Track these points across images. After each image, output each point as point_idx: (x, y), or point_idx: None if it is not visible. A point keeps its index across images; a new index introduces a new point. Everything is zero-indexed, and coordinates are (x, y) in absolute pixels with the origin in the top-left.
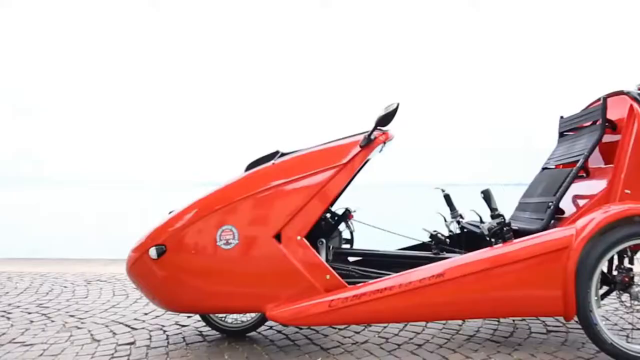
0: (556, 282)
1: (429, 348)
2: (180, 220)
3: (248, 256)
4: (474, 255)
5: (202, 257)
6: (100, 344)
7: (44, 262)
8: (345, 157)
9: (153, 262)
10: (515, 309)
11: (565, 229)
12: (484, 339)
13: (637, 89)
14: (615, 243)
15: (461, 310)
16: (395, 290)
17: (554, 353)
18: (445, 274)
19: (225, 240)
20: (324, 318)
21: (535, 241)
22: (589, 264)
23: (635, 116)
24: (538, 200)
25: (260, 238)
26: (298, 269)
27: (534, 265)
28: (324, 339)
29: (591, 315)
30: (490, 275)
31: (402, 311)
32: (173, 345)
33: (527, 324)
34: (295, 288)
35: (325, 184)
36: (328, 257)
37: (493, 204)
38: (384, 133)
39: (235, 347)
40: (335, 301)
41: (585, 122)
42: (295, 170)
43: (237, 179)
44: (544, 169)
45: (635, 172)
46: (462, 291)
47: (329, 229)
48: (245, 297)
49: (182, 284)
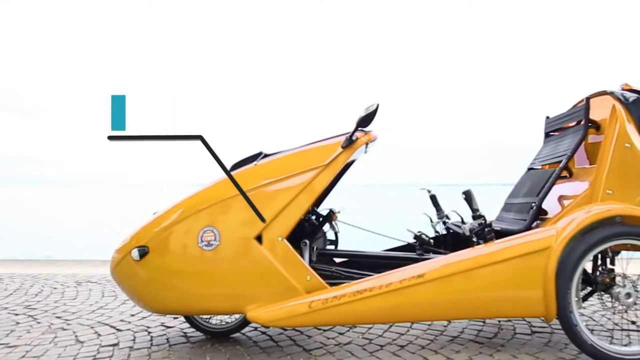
0: (537, 283)
1: (411, 349)
2: (163, 221)
3: (229, 257)
4: (454, 256)
5: (183, 259)
6: (83, 346)
7: (36, 264)
8: (327, 158)
9: (135, 263)
10: (495, 310)
11: (546, 230)
12: (467, 340)
13: (621, 89)
14: (596, 244)
15: (441, 311)
16: (375, 291)
17: (535, 354)
18: (425, 275)
19: (206, 241)
20: (304, 319)
21: (516, 242)
22: (569, 264)
23: (617, 116)
24: (522, 201)
25: (241, 239)
26: (279, 270)
27: (515, 266)
28: (308, 340)
29: (571, 316)
30: (470, 276)
31: (383, 312)
32: (156, 347)
33: (512, 324)
34: (276, 289)
35: (307, 185)
36: (312, 258)
37: (474, 205)
38: (366, 134)
39: (218, 348)
40: (315, 302)
41: (569, 122)
42: (276, 172)
43: (220, 180)
44: (529, 169)
45: (616, 172)
46: (442, 292)
47: (313, 230)
48: (226, 299)
49: (164, 285)
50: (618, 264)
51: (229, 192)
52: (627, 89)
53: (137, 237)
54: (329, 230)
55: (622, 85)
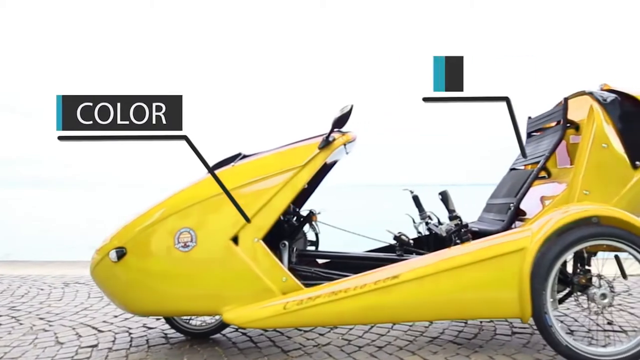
0: (512, 284)
1: (388, 350)
2: (140, 222)
3: (205, 259)
4: (429, 257)
5: (160, 260)
6: (62, 347)
7: (26, 265)
8: (304, 159)
9: (113, 264)
10: (471, 311)
11: (521, 230)
12: (446, 340)
13: (600, 89)
14: (572, 244)
15: (417, 312)
16: (350, 292)
17: (512, 355)
18: (400, 276)
19: (183, 242)
20: (280, 320)
21: (492, 243)
22: (544, 265)
23: (594, 116)
24: (501, 202)
25: (217, 240)
26: (254, 271)
27: (490, 267)
28: (287, 341)
29: (546, 317)
30: (445, 277)
31: (358, 313)
32: (135, 348)
33: (493, 325)
34: (252, 290)
35: (283, 187)
36: (291, 259)
37: (451, 206)
38: (344, 134)
39: (197, 349)
40: (290, 303)
41: (550, 122)
42: (253, 173)
43: (198, 181)
44: (511, 169)
45: (593, 172)
46: (417, 293)
47: (292, 231)
48: (202, 300)
49: (142, 286)
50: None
51: (206, 194)
52: (606, 89)
53: (115, 238)
54: (310, 231)
55: (601, 86)
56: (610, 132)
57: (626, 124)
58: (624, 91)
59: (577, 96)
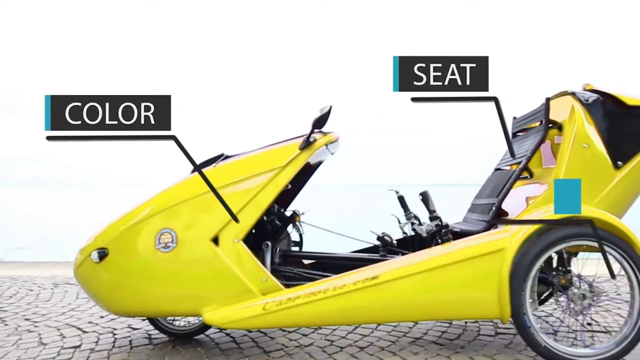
0: (491, 285)
1: (370, 351)
2: (122, 223)
3: (186, 260)
4: (409, 257)
5: (142, 261)
6: (45, 348)
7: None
8: (284, 160)
9: (95, 265)
10: (450, 311)
11: (501, 231)
12: (429, 341)
13: (583, 89)
14: (551, 245)
15: (396, 312)
16: (329, 293)
17: (493, 356)
18: (379, 277)
19: (164, 243)
20: (259, 321)
21: (472, 243)
22: (523, 265)
23: (575, 116)
24: (485, 202)
25: (197, 241)
26: (234, 272)
27: (469, 268)
28: (270, 342)
29: (525, 318)
30: (424, 277)
31: (337, 314)
32: (117, 349)
33: (477, 326)
34: (232, 291)
35: (263, 187)
36: (274, 259)
37: (431, 206)
38: (325, 135)
39: (179, 350)
40: (269, 304)
41: (533, 122)
42: (234, 174)
43: (180, 181)
44: (496, 169)
45: (574, 173)
46: (396, 294)
47: (275, 231)
48: (183, 301)
49: (123, 287)
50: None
51: (187, 195)
52: (588, 89)
53: (97, 239)
54: (292, 231)
55: (583, 86)
56: (591, 132)
57: (608, 124)
58: (606, 91)
59: (560, 96)
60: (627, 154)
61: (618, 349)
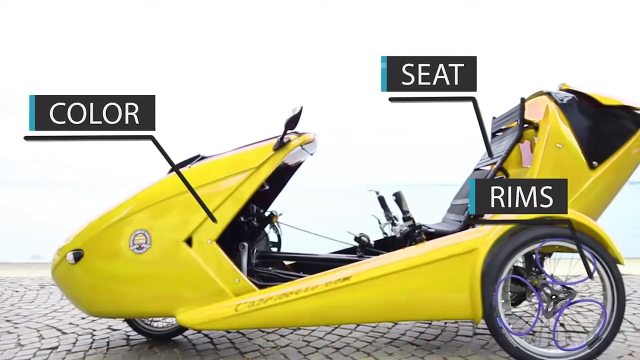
0: (464, 285)
1: (345, 352)
2: (98, 224)
3: (159, 261)
4: (382, 258)
5: (116, 262)
6: (22, 349)
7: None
8: (258, 161)
9: (71, 266)
10: (423, 312)
11: (474, 231)
12: (406, 342)
13: (559, 89)
14: (523, 245)
15: (369, 313)
16: (301, 294)
17: (467, 357)
18: (351, 278)
19: (138, 244)
20: (231, 322)
21: (444, 243)
22: (495, 266)
23: (549, 116)
24: (462, 202)
25: (171, 242)
26: (207, 273)
27: (442, 268)
28: (247, 343)
29: (496, 319)
30: (396, 278)
31: (309, 315)
32: (93, 350)
33: (456, 326)
34: (205, 292)
35: (236, 188)
36: (251, 260)
37: (404, 207)
38: (300, 136)
39: (155, 351)
40: (241, 305)
41: (511, 122)
42: (208, 175)
43: (155, 182)
44: (475, 169)
45: (548, 173)
46: (368, 294)
47: (253, 232)
48: (157, 302)
49: (98, 288)
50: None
51: (161, 196)
52: (564, 89)
53: (73, 240)
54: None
55: (560, 85)
56: (566, 132)
57: (583, 123)
58: (582, 91)
59: (536, 96)
60: (602, 154)
61: (590, 350)
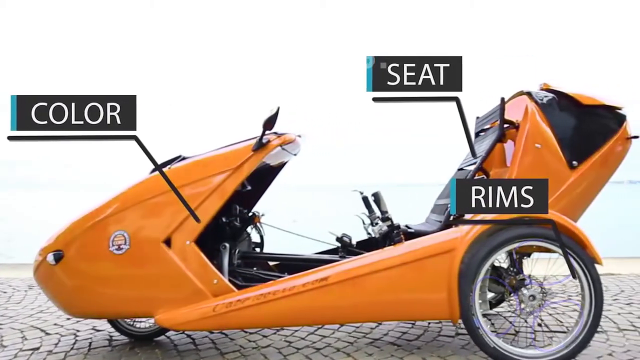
0: (441, 285)
1: (325, 352)
2: (78, 225)
3: (138, 261)
4: (360, 259)
5: (95, 263)
6: (4, 350)
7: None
8: (237, 161)
9: (52, 267)
10: (401, 312)
11: (452, 231)
12: (387, 342)
13: (540, 89)
14: (500, 245)
15: (346, 314)
16: (279, 294)
17: (447, 357)
18: (329, 278)
19: (117, 245)
20: (209, 322)
21: (422, 244)
22: (472, 266)
23: (528, 116)
24: (444, 202)
25: (150, 243)
26: (185, 273)
27: (419, 268)
28: (228, 343)
29: (473, 319)
30: (373, 278)
31: (287, 315)
32: (75, 351)
33: (439, 327)
34: (184, 293)
35: (215, 189)
36: (233, 261)
37: (383, 207)
38: (279, 136)
39: (136, 352)
40: (219, 306)
41: (492, 122)
42: (187, 176)
43: (136, 183)
44: (459, 169)
45: (527, 173)
46: (346, 295)
47: (234, 233)
48: (136, 302)
49: (79, 289)
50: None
51: (141, 196)
52: (545, 89)
53: (54, 240)
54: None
55: (540, 85)
56: (545, 131)
57: (563, 123)
58: (562, 91)
59: (516, 96)
60: (582, 153)
61: (568, 350)
